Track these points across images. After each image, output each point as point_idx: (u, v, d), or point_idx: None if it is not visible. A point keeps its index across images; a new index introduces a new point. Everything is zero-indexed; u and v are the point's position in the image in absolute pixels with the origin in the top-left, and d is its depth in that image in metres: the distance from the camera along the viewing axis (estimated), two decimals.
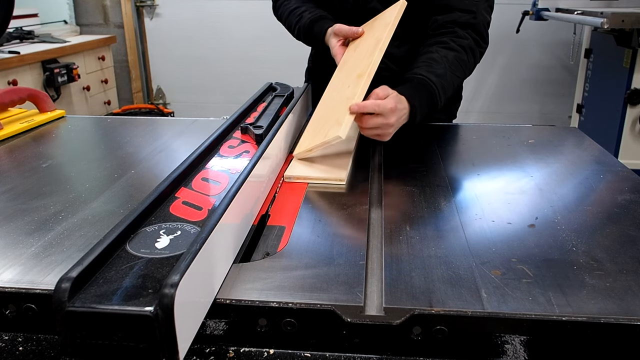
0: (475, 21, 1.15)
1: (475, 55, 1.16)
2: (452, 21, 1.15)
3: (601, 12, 2.33)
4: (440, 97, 1.06)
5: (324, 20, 1.23)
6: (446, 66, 1.09)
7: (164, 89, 3.80)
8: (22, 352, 0.56)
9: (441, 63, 1.09)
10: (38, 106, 1.28)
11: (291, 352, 0.56)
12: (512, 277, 0.60)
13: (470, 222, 0.74)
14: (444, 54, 1.11)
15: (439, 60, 1.09)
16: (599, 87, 2.85)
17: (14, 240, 0.68)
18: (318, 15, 1.24)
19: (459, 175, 0.94)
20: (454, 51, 1.12)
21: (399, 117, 0.97)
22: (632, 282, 0.59)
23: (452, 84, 1.10)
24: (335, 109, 0.97)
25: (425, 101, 1.04)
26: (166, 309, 0.45)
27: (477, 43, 1.16)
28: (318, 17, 1.24)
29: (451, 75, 1.10)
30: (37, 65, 2.67)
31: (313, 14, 1.25)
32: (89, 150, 1.09)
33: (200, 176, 0.74)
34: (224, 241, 0.60)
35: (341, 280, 0.59)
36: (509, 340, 0.54)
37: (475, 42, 1.15)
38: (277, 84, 1.24)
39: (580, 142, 1.12)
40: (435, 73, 1.07)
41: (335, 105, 0.98)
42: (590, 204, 0.81)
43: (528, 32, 3.23)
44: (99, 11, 3.56)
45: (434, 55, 1.11)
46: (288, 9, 1.32)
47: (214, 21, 3.58)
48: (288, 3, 1.34)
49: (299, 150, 0.97)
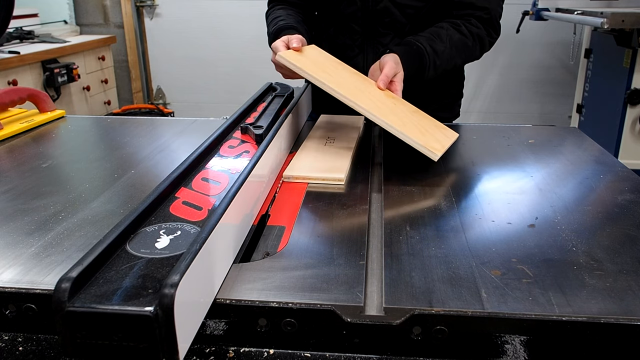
0: (488, 17, 1.21)
1: (484, 44, 1.21)
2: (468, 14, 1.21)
3: (601, 12, 2.33)
4: (429, 71, 1.13)
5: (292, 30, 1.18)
6: (447, 45, 1.15)
7: (164, 89, 3.80)
8: (22, 352, 0.56)
9: (444, 41, 1.15)
10: (38, 106, 1.28)
11: (291, 352, 0.56)
12: (512, 277, 0.60)
13: (470, 222, 0.74)
14: (451, 33, 1.17)
15: (443, 38, 1.15)
16: (599, 87, 2.85)
17: (14, 240, 0.68)
18: (289, 25, 1.19)
19: (459, 175, 0.94)
20: (461, 34, 1.17)
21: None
22: (632, 282, 0.59)
23: (447, 63, 1.16)
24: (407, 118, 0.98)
25: (413, 70, 1.12)
26: (166, 309, 0.45)
27: (489, 34, 1.22)
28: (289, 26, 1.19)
29: (449, 55, 1.15)
30: (37, 65, 2.67)
31: (286, 22, 1.21)
32: (89, 150, 1.09)
33: (200, 176, 0.74)
34: (224, 241, 0.60)
35: (341, 280, 0.59)
36: (509, 340, 0.54)
37: (487, 32, 1.21)
38: (277, 84, 1.23)
39: (580, 142, 1.12)
40: (434, 48, 1.13)
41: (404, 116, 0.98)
42: (590, 204, 0.81)
43: (528, 32, 3.23)
44: (99, 11, 3.56)
45: (441, 31, 1.16)
46: (270, 18, 1.29)
47: (214, 21, 3.58)
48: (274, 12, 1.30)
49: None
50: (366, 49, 1.27)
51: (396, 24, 1.23)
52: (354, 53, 1.28)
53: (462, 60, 1.21)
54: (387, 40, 1.24)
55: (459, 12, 1.21)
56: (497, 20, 1.23)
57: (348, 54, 1.29)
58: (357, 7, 1.23)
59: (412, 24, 1.23)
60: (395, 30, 1.23)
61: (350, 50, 1.28)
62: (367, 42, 1.26)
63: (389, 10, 1.20)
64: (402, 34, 1.24)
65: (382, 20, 1.22)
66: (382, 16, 1.22)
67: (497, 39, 1.25)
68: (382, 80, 1.03)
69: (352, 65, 1.29)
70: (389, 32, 1.24)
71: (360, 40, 1.27)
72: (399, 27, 1.23)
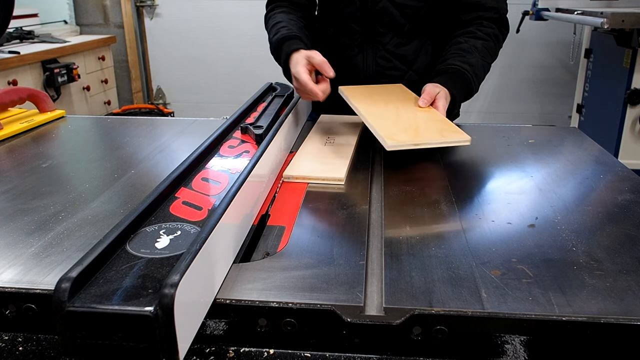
0: (497, 16, 1.22)
1: (500, 41, 1.24)
2: (477, 17, 1.22)
3: (601, 12, 2.33)
4: (475, 84, 1.15)
5: (296, 40, 1.14)
6: (476, 54, 1.17)
7: (164, 89, 3.80)
8: (22, 352, 0.56)
9: (472, 52, 1.17)
10: (38, 106, 1.28)
11: (291, 352, 0.56)
12: (512, 277, 0.60)
13: (470, 222, 0.74)
14: (472, 43, 1.18)
15: (469, 50, 1.17)
16: (599, 87, 2.85)
17: (14, 240, 0.68)
18: (292, 35, 1.16)
19: (459, 175, 0.93)
20: (481, 40, 1.19)
21: (446, 109, 1.08)
22: (632, 282, 0.59)
23: (483, 70, 1.19)
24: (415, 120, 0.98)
25: (463, 89, 1.14)
26: (166, 309, 0.45)
27: (501, 31, 1.24)
28: (292, 35, 1.16)
29: (482, 63, 1.18)
30: (37, 65, 2.67)
31: (289, 30, 1.18)
32: (89, 150, 1.09)
33: (200, 176, 0.74)
34: (224, 241, 0.60)
35: (341, 280, 0.59)
36: (509, 340, 0.54)
37: (499, 31, 1.23)
38: (277, 84, 1.24)
39: (580, 142, 1.12)
40: (468, 62, 1.15)
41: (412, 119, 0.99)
42: (590, 204, 0.81)
43: (528, 32, 3.23)
44: (99, 11, 3.56)
45: (463, 45, 1.18)
46: (271, 23, 1.26)
47: (214, 21, 3.58)
48: (274, 16, 1.28)
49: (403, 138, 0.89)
50: (366, 48, 1.27)
51: (395, 24, 1.23)
52: (353, 53, 1.28)
53: (491, 61, 1.23)
54: (387, 40, 1.25)
55: (468, 15, 1.22)
56: (505, 17, 1.25)
57: (348, 54, 1.29)
58: (356, 7, 1.23)
59: (411, 24, 1.23)
60: (394, 30, 1.24)
61: (350, 49, 1.28)
62: (366, 41, 1.26)
63: (388, 10, 1.21)
64: (401, 34, 1.24)
65: (381, 20, 1.23)
66: (381, 16, 1.22)
67: (507, 34, 1.27)
68: (423, 99, 1.05)
69: (352, 65, 1.29)
70: (388, 32, 1.24)
71: (359, 40, 1.27)
72: (398, 27, 1.23)
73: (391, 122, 0.96)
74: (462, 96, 1.14)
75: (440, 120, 0.98)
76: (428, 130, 0.92)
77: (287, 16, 1.27)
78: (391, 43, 1.25)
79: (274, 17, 1.29)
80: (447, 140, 0.89)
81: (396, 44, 1.25)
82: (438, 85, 1.10)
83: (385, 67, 1.27)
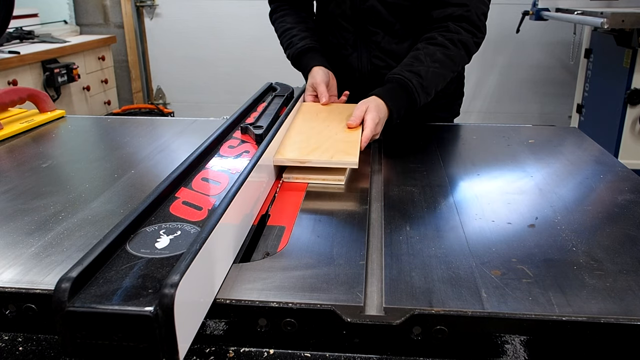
0: (468, 14, 1.15)
1: (469, 47, 1.16)
2: (446, 16, 1.16)
3: (601, 12, 2.33)
4: (419, 96, 1.11)
5: (311, 52, 1.27)
6: (429, 64, 1.11)
7: (164, 89, 3.80)
8: (22, 352, 0.56)
9: (424, 62, 1.12)
10: (38, 106, 1.28)
11: (291, 352, 0.56)
12: (512, 277, 0.60)
13: (470, 222, 0.74)
14: (430, 51, 1.13)
15: (422, 59, 1.12)
16: (599, 87, 2.85)
17: (14, 240, 0.68)
18: (306, 47, 1.26)
19: (459, 175, 0.94)
20: (441, 46, 1.13)
21: (382, 124, 1.07)
22: (632, 282, 0.59)
23: (435, 81, 1.13)
24: (329, 139, 0.98)
25: (404, 101, 1.11)
26: (166, 309, 0.45)
27: (472, 34, 1.16)
28: (306, 49, 1.26)
29: (435, 73, 1.12)
30: (37, 65, 2.67)
31: (303, 42, 1.27)
32: (89, 150, 1.09)
33: (200, 176, 0.74)
34: (224, 241, 0.60)
35: (341, 280, 0.59)
36: (509, 340, 0.54)
37: (470, 33, 1.15)
38: (277, 84, 1.24)
39: (580, 142, 1.12)
40: (416, 73, 1.11)
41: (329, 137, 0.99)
42: (590, 204, 0.81)
43: (528, 32, 3.23)
44: (99, 11, 3.56)
45: (418, 53, 1.14)
46: (282, 28, 1.33)
47: (214, 21, 3.58)
48: (283, 20, 1.34)
49: (290, 156, 0.92)
50: (360, 48, 1.28)
51: (384, 23, 1.23)
52: (347, 52, 1.29)
53: (452, 71, 1.16)
54: (380, 39, 1.25)
55: (437, 13, 1.16)
56: (479, 17, 1.16)
57: (342, 53, 1.30)
58: (346, 6, 1.24)
59: (401, 23, 1.22)
60: (384, 28, 1.24)
61: (344, 49, 1.29)
62: (360, 41, 1.27)
63: (376, 8, 1.21)
64: (392, 33, 1.24)
65: (371, 19, 1.23)
66: (369, 14, 1.22)
67: (484, 37, 1.19)
68: (351, 121, 1.04)
69: (347, 64, 1.30)
70: (379, 31, 1.24)
71: (352, 39, 1.27)
72: (387, 26, 1.23)
73: (303, 139, 0.98)
74: (402, 107, 1.10)
75: (350, 142, 0.97)
76: (327, 150, 0.93)
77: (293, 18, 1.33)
78: (384, 42, 1.25)
79: (282, 20, 1.33)
80: (334, 162, 0.90)
81: (389, 43, 1.25)
82: (369, 99, 1.08)
83: (380, 66, 1.27)
